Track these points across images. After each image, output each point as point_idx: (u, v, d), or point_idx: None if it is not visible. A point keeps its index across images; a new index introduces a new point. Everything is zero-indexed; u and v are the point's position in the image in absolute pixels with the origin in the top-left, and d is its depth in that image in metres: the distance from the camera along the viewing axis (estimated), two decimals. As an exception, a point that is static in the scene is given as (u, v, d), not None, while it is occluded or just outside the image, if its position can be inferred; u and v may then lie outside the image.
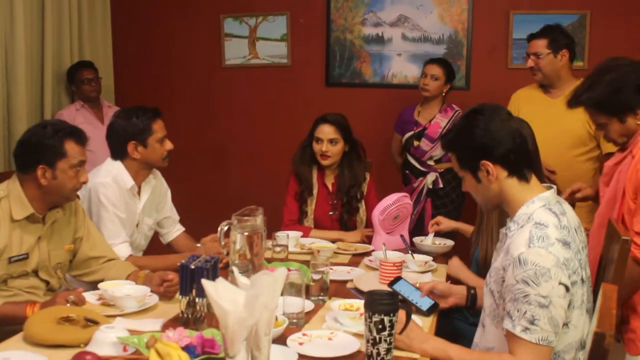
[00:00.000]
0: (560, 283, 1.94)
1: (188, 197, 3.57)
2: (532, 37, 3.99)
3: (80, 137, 2.69)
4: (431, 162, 4.58)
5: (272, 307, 1.79)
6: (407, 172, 4.67)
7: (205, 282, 1.70)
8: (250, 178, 5.60)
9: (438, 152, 4.49)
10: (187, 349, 1.88)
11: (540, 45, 3.89)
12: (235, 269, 1.89)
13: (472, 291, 2.60)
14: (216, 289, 1.69)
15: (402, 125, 4.71)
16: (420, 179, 4.57)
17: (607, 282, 2.17)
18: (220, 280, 1.73)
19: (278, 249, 3.11)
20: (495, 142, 2.10)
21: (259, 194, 5.00)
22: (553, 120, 3.75)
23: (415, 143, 4.57)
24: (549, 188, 2.16)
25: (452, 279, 2.96)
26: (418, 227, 4.25)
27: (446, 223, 3.58)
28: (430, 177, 4.54)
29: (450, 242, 3.53)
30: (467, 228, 3.54)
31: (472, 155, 2.14)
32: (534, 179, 2.15)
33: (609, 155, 3.75)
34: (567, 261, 1.97)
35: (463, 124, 2.19)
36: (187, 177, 3.68)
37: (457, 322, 2.94)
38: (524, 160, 2.13)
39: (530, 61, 3.95)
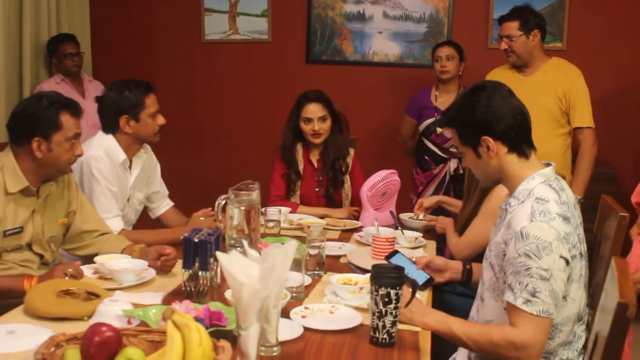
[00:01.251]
0: (561, 256, 1.98)
1: (168, 173, 3.55)
2: (503, 20, 4.01)
3: (75, 109, 2.66)
4: (453, 149, 4.47)
5: (283, 279, 1.81)
6: (427, 157, 4.62)
7: (220, 255, 1.71)
8: (230, 154, 5.60)
9: None
10: (195, 321, 1.89)
11: (512, 27, 3.92)
12: (245, 242, 1.89)
13: (467, 266, 2.64)
14: (230, 261, 1.70)
15: (418, 110, 4.63)
16: (442, 166, 4.55)
17: (603, 258, 2.22)
18: (235, 252, 1.74)
19: (270, 224, 3.12)
20: (496, 118, 2.13)
21: (239, 170, 5.00)
22: (526, 97, 3.75)
23: (438, 130, 4.51)
24: (547, 165, 2.20)
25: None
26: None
27: (427, 200, 3.61)
28: (453, 164, 4.52)
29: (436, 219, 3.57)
30: (448, 200, 3.60)
31: (473, 131, 2.17)
32: (533, 156, 2.19)
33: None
34: (567, 235, 2.02)
35: (464, 100, 2.21)
36: (166, 154, 3.66)
37: (445, 293, 2.98)
38: (524, 136, 2.17)
39: (503, 43, 3.99)
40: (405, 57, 5.25)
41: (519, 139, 2.15)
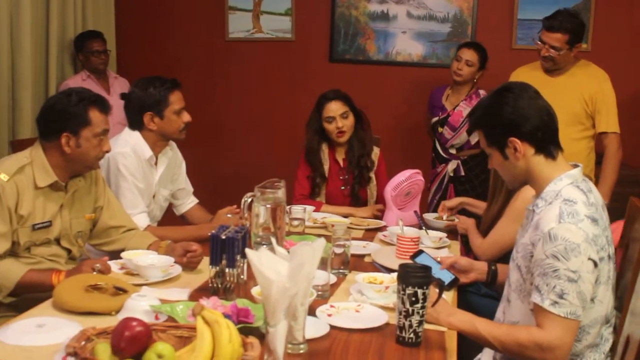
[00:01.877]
0: (589, 258, 1.98)
1: (191, 170, 3.57)
2: (551, 28, 3.80)
3: (103, 105, 2.68)
4: (453, 150, 4.55)
5: (311, 277, 1.81)
6: (433, 155, 4.66)
7: (249, 252, 1.72)
8: (251, 152, 5.62)
9: (459, 140, 4.46)
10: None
11: (561, 39, 3.77)
12: (273, 239, 1.90)
13: (492, 267, 2.63)
14: (260, 259, 1.71)
15: (431, 107, 4.67)
16: (443, 165, 4.58)
17: (631, 260, 2.21)
18: (263, 250, 1.75)
19: (295, 222, 3.13)
20: (523, 119, 2.12)
21: (260, 168, 5.02)
22: (552, 99, 3.71)
23: (439, 129, 4.54)
24: (575, 166, 2.19)
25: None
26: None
27: (449, 202, 3.59)
28: (452, 165, 4.53)
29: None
30: (471, 201, 3.57)
31: (500, 132, 2.16)
32: (560, 157, 2.18)
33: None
34: (596, 237, 2.01)
35: (491, 101, 2.21)
36: (187, 151, 3.69)
37: (470, 294, 2.97)
38: (551, 137, 2.16)
39: (544, 50, 3.85)
40: (429, 57, 5.23)
41: (546, 140, 2.15)
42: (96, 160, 2.71)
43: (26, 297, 2.48)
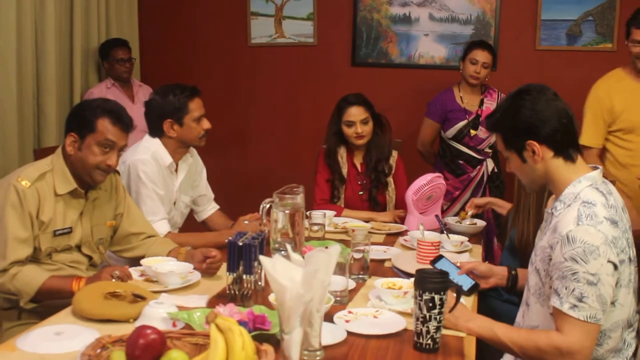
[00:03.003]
0: (608, 261, 1.95)
1: (212, 175, 3.58)
2: None
3: (119, 118, 2.65)
4: (487, 150, 4.46)
5: (327, 284, 1.80)
6: (461, 162, 4.47)
7: (263, 259, 1.72)
8: (273, 158, 5.62)
9: (494, 138, 4.31)
10: (239, 325, 1.90)
11: None
12: (288, 246, 1.89)
13: (513, 272, 2.61)
14: (274, 266, 1.71)
15: (443, 113, 4.48)
16: (479, 167, 4.45)
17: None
18: (278, 257, 1.74)
19: (315, 227, 3.12)
20: (541, 122, 2.09)
21: (283, 174, 5.02)
22: None
23: (472, 132, 4.39)
24: (595, 168, 2.16)
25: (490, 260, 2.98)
26: (495, 215, 4.09)
27: (479, 200, 3.58)
28: (490, 164, 4.45)
29: (482, 222, 3.54)
30: (499, 202, 3.54)
31: (519, 135, 2.14)
32: (579, 159, 2.15)
33: None
34: (615, 239, 1.98)
35: (509, 104, 2.18)
36: (209, 156, 3.70)
37: (491, 299, 2.95)
38: (570, 140, 2.13)
39: (637, 48, 3.67)
40: (452, 60, 5.19)
41: (565, 143, 2.12)
42: (96, 170, 2.64)
43: (47, 303, 2.50)
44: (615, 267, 1.97)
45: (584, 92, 3.86)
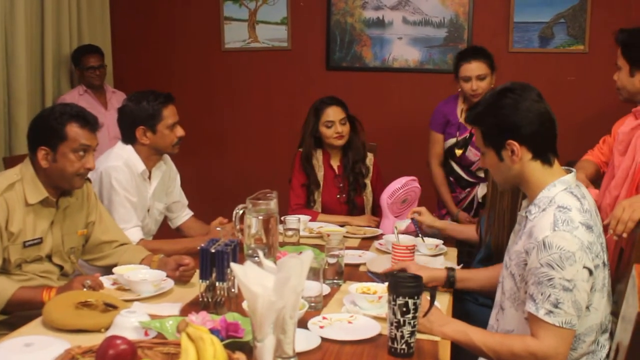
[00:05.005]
0: (584, 267, 1.95)
1: (186, 181, 3.56)
2: None
3: (86, 120, 2.62)
4: (481, 173, 3.97)
5: (299, 290, 1.78)
6: (452, 179, 4.08)
7: (234, 266, 1.70)
8: (249, 163, 5.59)
9: None
10: (211, 333, 1.88)
11: None
12: (260, 252, 1.88)
13: (451, 273, 2.59)
14: (245, 273, 1.69)
15: (443, 124, 4.02)
16: (468, 190, 4.03)
17: (630, 265, 2.17)
18: (249, 263, 1.73)
19: (290, 233, 3.10)
20: (524, 123, 2.08)
21: (259, 178, 5.02)
22: None
23: (458, 152, 3.95)
24: (569, 172, 2.16)
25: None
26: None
27: (428, 217, 3.32)
28: (481, 190, 3.94)
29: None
30: (453, 227, 3.38)
31: (499, 133, 2.12)
32: (556, 164, 2.15)
33: None
34: (591, 245, 1.98)
35: (493, 100, 2.15)
36: (185, 162, 3.68)
37: (466, 302, 2.94)
38: (549, 144, 2.13)
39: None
40: (426, 63, 5.21)
41: (545, 146, 2.12)
42: (76, 177, 2.63)
43: (18, 314, 2.46)
44: (591, 272, 1.98)
45: (556, 94, 3.87)
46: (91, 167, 2.66)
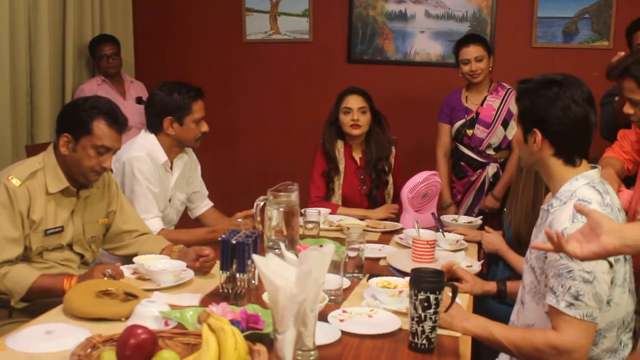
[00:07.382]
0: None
1: (206, 173, 3.56)
2: None
3: (115, 119, 2.62)
4: (490, 151, 4.16)
5: (321, 283, 1.78)
6: (462, 164, 4.25)
7: (256, 257, 1.69)
8: (268, 155, 5.59)
9: (496, 138, 4.11)
10: (232, 324, 1.87)
11: None
12: (282, 244, 1.87)
13: (502, 287, 2.60)
14: (267, 264, 1.68)
15: (450, 113, 4.27)
16: (480, 171, 4.19)
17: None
18: (271, 255, 1.72)
19: (310, 225, 3.10)
20: (554, 121, 2.05)
21: (278, 171, 5.00)
22: None
23: (469, 132, 4.15)
24: (594, 167, 2.14)
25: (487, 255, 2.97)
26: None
27: (471, 234, 3.28)
28: (491, 169, 4.15)
29: (478, 221, 3.51)
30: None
31: (530, 118, 2.12)
32: (583, 164, 2.12)
33: None
34: None
35: (539, 85, 2.11)
36: (205, 153, 3.68)
37: (487, 299, 2.92)
38: (578, 148, 2.10)
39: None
40: (448, 57, 5.16)
41: (572, 149, 2.09)
42: (91, 172, 2.62)
43: (39, 302, 2.47)
44: (611, 265, 1.96)
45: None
46: (107, 167, 2.66)
